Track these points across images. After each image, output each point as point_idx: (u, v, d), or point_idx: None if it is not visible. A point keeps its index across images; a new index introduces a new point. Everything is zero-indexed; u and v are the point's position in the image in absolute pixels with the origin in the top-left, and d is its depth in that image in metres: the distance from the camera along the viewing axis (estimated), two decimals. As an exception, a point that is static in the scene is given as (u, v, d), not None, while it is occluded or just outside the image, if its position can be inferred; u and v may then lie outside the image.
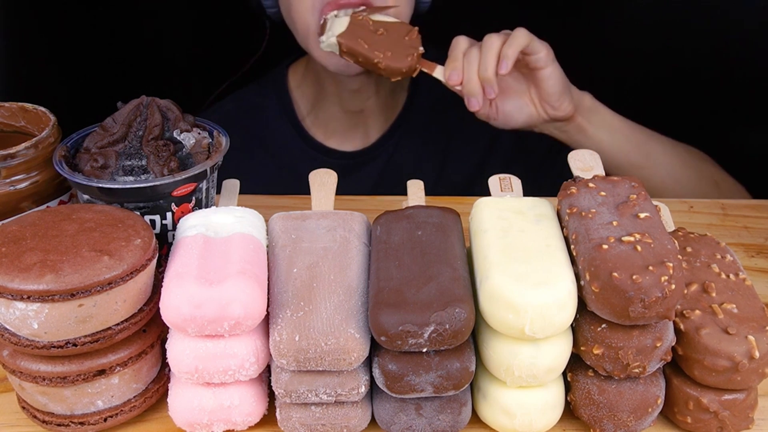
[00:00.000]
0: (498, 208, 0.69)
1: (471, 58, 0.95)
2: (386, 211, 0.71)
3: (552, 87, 0.97)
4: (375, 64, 0.96)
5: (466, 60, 0.95)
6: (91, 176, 0.71)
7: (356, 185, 1.18)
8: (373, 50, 0.96)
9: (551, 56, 0.96)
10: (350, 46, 0.96)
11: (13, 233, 0.62)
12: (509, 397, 0.63)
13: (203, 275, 0.60)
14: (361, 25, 0.97)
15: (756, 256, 0.91)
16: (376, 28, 0.98)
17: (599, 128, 1.03)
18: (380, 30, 0.97)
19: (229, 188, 0.77)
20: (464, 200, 0.96)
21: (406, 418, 0.62)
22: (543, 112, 1.00)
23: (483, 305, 0.61)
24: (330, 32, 0.97)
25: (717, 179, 1.11)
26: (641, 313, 0.58)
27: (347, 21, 0.97)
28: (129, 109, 0.75)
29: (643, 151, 1.05)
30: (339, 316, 0.60)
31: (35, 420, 0.65)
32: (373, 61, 0.96)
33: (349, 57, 0.97)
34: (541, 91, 0.98)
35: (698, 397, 0.63)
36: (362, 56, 0.96)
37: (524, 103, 1.00)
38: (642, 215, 0.63)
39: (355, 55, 0.97)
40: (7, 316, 0.59)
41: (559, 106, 0.98)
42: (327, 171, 0.78)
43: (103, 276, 0.58)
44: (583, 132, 1.02)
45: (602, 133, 1.03)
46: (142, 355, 0.64)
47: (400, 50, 0.97)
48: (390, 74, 0.97)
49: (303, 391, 0.61)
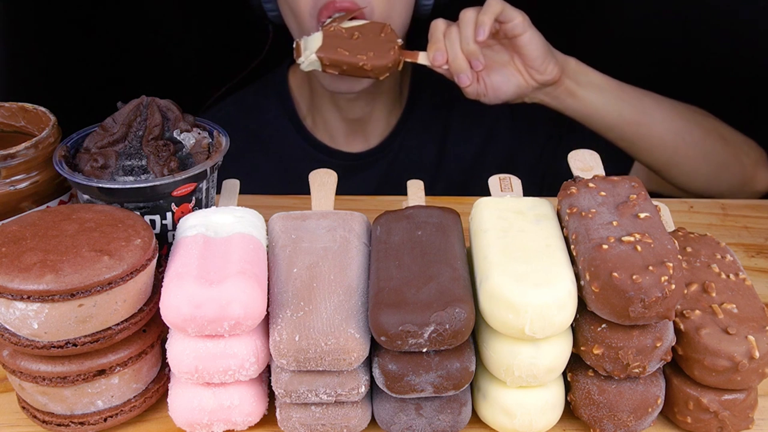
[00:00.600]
0: (498, 208, 0.69)
1: (452, 36, 0.96)
2: (386, 211, 0.71)
3: (534, 51, 0.97)
4: (361, 68, 0.97)
5: (447, 39, 0.97)
6: (91, 176, 0.71)
7: (359, 186, 1.18)
8: (355, 54, 0.96)
9: (527, 22, 0.97)
10: (332, 58, 0.96)
11: (13, 233, 0.62)
12: (509, 397, 0.63)
13: (203, 275, 0.60)
14: (335, 36, 0.98)
15: (756, 256, 0.91)
16: (350, 33, 0.98)
17: (588, 89, 1.02)
18: (355, 34, 0.98)
19: (229, 188, 0.77)
20: (464, 200, 0.96)
21: (406, 418, 0.62)
22: (530, 78, 1.00)
23: (483, 305, 0.61)
24: (307, 51, 0.98)
25: (723, 133, 1.09)
26: (641, 313, 0.58)
27: (320, 36, 0.98)
28: (129, 109, 0.75)
29: (638, 108, 1.04)
30: (339, 316, 0.60)
31: (35, 420, 0.65)
32: (358, 65, 0.96)
33: (333, 69, 0.98)
34: (524, 57, 0.98)
35: (698, 397, 0.63)
36: (346, 64, 0.97)
37: (510, 73, 1.00)
38: (642, 215, 0.63)
39: (339, 65, 0.97)
40: (7, 316, 0.59)
41: (545, 70, 0.99)
42: (327, 171, 0.78)
43: (103, 276, 0.58)
44: (572, 95, 1.02)
45: (592, 93, 1.03)
46: (142, 355, 0.65)
47: (381, 47, 0.98)
48: (378, 73, 0.98)
49: (303, 391, 0.61)
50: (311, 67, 0.99)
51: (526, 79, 1.00)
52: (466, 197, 0.97)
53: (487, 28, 0.94)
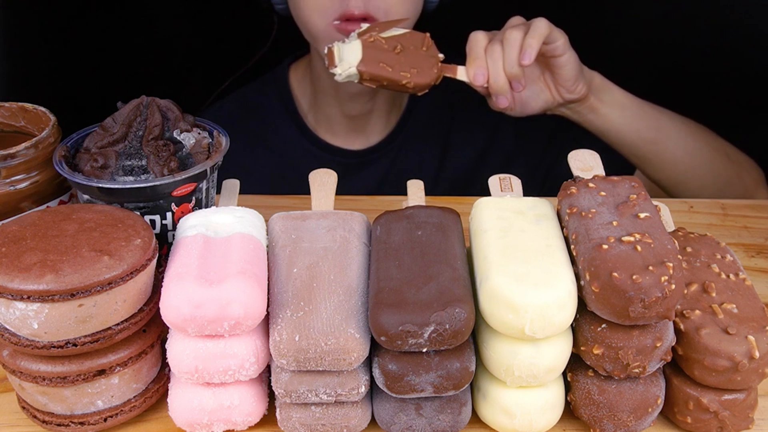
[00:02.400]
0: (498, 208, 0.69)
1: (494, 55, 0.93)
2: (386, 211, 0.71)
3: (569, 72, 0.97)
4: (403, 86, 0.92)
5: (489, 57, 0.93)
6: (91, 176, 0.71)
7: (359, 185, 1.18)
8: (399, 72, 0.92)
9: (568, 43, 0.96)
10: (373, 73, 0.91)
11: (13, 233, 0.62)
12: (509, 397, 0.63)
13: (203, 275, 0.60)
14: (375, 47, 0.93)
15: (756, 256, 0.91)
16: (392, 45, 0.94)
17: (610, 106, 1.03)
18: (397, 47, 0.93)
19: (229, 188, 0.77)
20: (464, 200, 0.96)
21: (406, 418, 0.62)
22: (558, 96, 1.00)
23: (483, 305, 0.61)
24: (344, 63, 0.92)
25: (728, 152, 1.10)
26: (641, 313, 0.58)
27: (359, 45, 0.93)
28: (129, 109, 0.75)
29: (654, 126, 1.05)
30: (339, 316, 0.60)
31: (35, 420, 0.65)
32: (401, 83, 0.92)
33: (372, 83, 0.92)
34: (558, 77, 0.98)
35: (698, 397, 0.63)
36: (387, 80, 0.92)
37: (540, 89, 1.00)
38: (642, 215, 0.63)
39: (379, 80, 0.92)
40: (7, 316, 0.59)
41: (575, 89, 0.99)
42: (327, 171, 0.78)
43: (103, 276, 0.58)
44: (594, 111, 1.03)
45: (613, 110, 1.03)
46: (142, 355, 0.64)
47: (423, 63, 0.93)
48: (418, 91, 0.94)
49: (303, 391, 0.61)
50: (348, 79, 0.93)
51: (554, 96, 1.00)
52: (466, 197, 0.96)
53: (534, 52, 0.91)
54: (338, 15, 1.00)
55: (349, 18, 0.99)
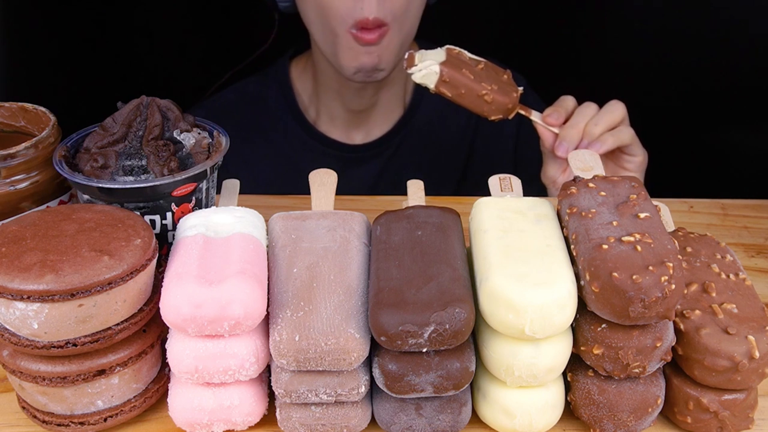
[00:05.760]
0: (498, 208, 0.69)
1: (585, 110, 0.93)
2: (386, 211, 0.71)
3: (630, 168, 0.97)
4: (480, 96, 0.91)
5: (580, 111, 0.93)
6: (91, 176, 0.71)
7: (357, 179, 1.19)
8: (479, 82, 0.92)
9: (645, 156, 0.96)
10: (454, 76, 0.91)
11: (13, 233, 0.62)
12: (509, 397, 0.63)
13: (203, 275, 0.60)
14: (458, 58, 0.93)
15: (756, 256, 0.91)
16: (475, 62, 0.94)
17: None
18: (480, 64, 0.94)
19: (229, 188, 0.77)
20: (464, 200, 0.96)
21: (406, 418, 0.62)
22: None
23: (483, 305, 0.61)
24: (427, 61, 0.91)
25: None
26: (641, 313, 0.58)
27: (443, 52, 0.93)
28: (129, 109, 0.75)
29: None
30: (339, 316, 0.60)
31: (35, 420, 0.65)
32: (480, 93, 0.91)
33: (448, 89, 0.91)
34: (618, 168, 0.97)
35: (698, 397, 0.63)
36: (466, 87, 0.91)
37: None
38: (642, 215, 0.63)
39: (458, 86, 0.91)
40: (7, 316, 0.59)
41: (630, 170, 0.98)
42: (327, 171, 0.78)
43: (103, 276, 0.58)
44: None
45: None
46: (142, 355, 0.64)
47: (503, 87, 0.93)
48: (493, 109, 0.93)
49: (303, 391, 0.61)
50: (425, 79, 0.92)
51: None
52: (466, 197, 0.97)
53: (606, 148, 0.90)
54: (354, 22, 1.01)
55: (364, 26, 1.00)
